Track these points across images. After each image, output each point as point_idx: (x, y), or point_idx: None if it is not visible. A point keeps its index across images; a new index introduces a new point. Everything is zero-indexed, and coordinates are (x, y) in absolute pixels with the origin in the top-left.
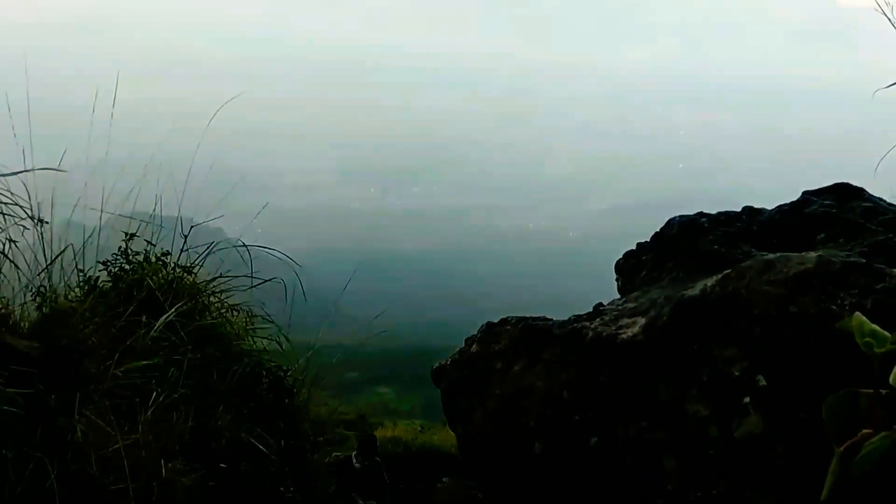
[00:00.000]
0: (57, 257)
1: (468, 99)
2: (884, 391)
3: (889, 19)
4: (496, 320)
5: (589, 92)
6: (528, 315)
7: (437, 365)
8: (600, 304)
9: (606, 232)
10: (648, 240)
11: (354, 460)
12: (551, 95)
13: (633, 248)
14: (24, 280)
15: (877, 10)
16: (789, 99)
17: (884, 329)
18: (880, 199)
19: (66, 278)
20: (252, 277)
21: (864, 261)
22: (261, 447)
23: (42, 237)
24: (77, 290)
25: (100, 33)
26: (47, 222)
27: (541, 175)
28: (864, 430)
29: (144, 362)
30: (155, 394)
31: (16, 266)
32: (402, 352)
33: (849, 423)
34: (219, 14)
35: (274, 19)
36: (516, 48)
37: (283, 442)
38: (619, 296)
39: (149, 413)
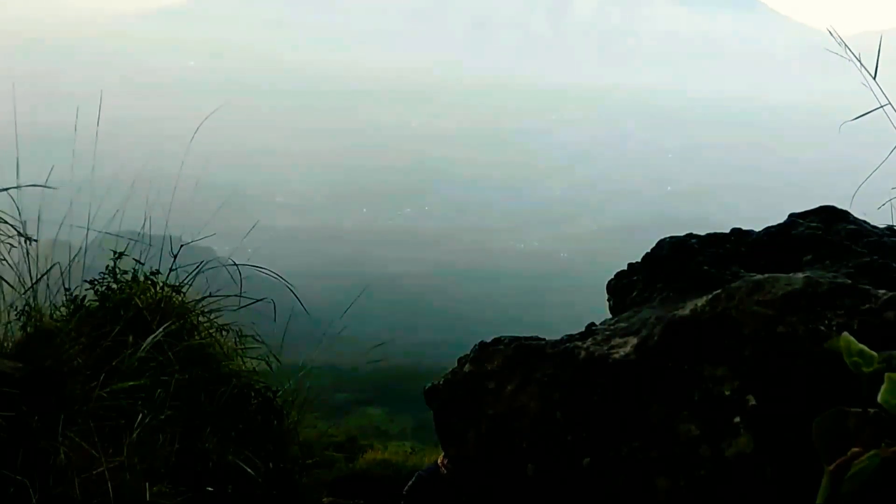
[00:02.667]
0: (43, 276)
1: (459, 120)
2: (872, 410)
3: (850, 53)
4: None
5: (578, 115)
6: (521, 335)
7: (429, 385)
8: (592, 324)
9: (597, 253)
10: (639, 260)
11: None
12: (542, 118)
13: (625, 268)
14: (8, 299)
15: (828, 50)
16: (774, 125)
17: (870, 349)
18: (864, 222)
19: (51, 297)
20: (242, 297)
21: (850, 282)
22: (248, 470)
23: (28, 255)
24: (63, 309)
25: (88, 51)
26: (35, 240)
27: (532, 196)
28: (854, 449)
29: (131, 383)
30: (141, 415)
31: (1, 284)
32: (393, 372)
33: (838, 442)
34: (210, 34)
35: (265, 40)
36: (507, 70)
37: (271, 465)
38: (610, 316)
39: (134, 435)
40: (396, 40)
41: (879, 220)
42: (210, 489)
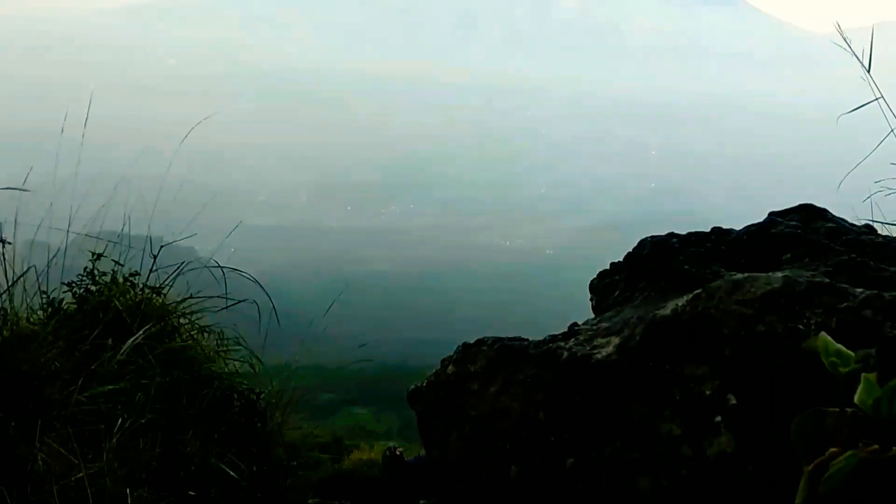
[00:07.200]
0: (19, 278)
1: (444, 117)
2: (849, 410)
3: (848, 47)
4: (472, 341)
5: (563, 112)
6: (505, 335)
7: (412, 387)
8: (575, 324)
9: (583, 250)
10: (621, 260)
11: None
12: (526, 115)
13: (607, 267)
14: None
15: (834, 43)
16: (755, 121)
17: (848, 348)
18: (843, 220)
19: (28, 300)
20: (224, 298)
21: (828, 280)
22: (231, 473)
23: (4, 258)
24: (40, 312)
25: (68, 51)
26: (10, 242)
27: (517, 194)
28: (832, 449)
29: (110, 387)
30: (121, 420)
31: None
32: (379, 372)
33: (816, 442)
34: (191, 33)
35: (247, 39)
36: (491, 68)
37: (255, 467)
38: (593, 315)
39: (114, 440)
40: (379, 37)
41: (864, 212)
42: (192, 493)
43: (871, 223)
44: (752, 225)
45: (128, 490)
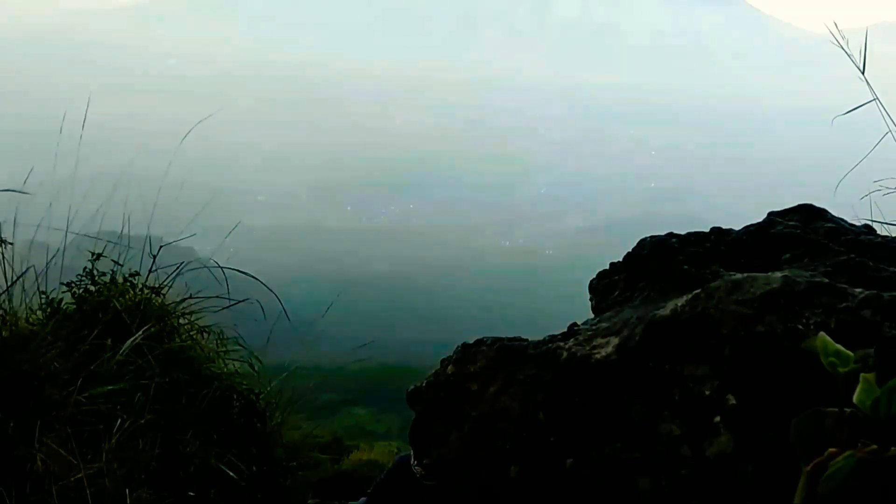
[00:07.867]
0: (18, 279)
1: (444, 117)
2: (848, 410)
3: (844, 48)
4: (472, 341)
5: (563, 112)
6: (505, 335)
7: (412, 387)
8: (575, 324)
9: (583, 250)
10: (621, 260)
11: None
12: (527, 115)
13: (607, 267)
14: None
15: (833, 42)
16: (754, 121)
17: (847, 348)
18: (842, 220)
19: (27, 301)
20: (224, 298)
21: (827, 281)
22: (231, 474)
23: (3, 258)
24: (39, 312)
25: (67, 50)
26: (10, 243)
27: (518, 194)
28: (830, 450)
29: (109, 387)
30: (120, 420)
31: None
32: (379, 372)
33: (815, 442)
34: (191, 33)
35: (246, 40)
36: (491, 68)
37: (254, 468)
38: (593, 315)
39: (113, 440)
40: (379, 36)
41: (864, 212)
42: (192, 494)
43: (870, 223)
44: (752, 225)
45: (127, 490)
